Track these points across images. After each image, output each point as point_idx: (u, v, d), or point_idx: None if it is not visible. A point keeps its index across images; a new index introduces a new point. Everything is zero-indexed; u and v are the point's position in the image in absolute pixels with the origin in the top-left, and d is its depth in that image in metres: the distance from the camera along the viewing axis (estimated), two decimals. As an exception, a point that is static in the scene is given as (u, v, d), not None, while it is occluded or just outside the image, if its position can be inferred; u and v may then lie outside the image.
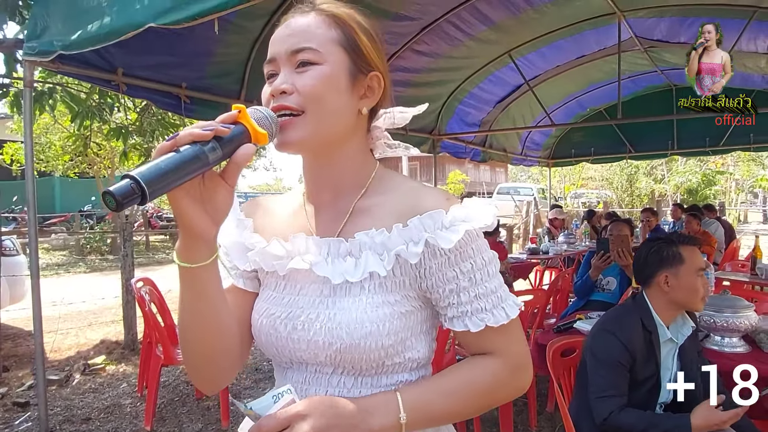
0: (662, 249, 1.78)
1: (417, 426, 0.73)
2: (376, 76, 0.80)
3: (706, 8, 4.54)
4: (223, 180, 0.69)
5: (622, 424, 1.61)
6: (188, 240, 0.69)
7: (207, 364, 0.79)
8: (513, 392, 0.81)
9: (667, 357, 1.75)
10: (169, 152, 0.62)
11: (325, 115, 0.75)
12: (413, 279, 0.76)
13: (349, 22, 0.79)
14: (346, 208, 0.80)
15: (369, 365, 0.75)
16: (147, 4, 2.23)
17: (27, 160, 2.81)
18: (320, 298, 0.77)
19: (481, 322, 0.75)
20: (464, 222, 0.73)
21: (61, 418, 3.39)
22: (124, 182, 0.59)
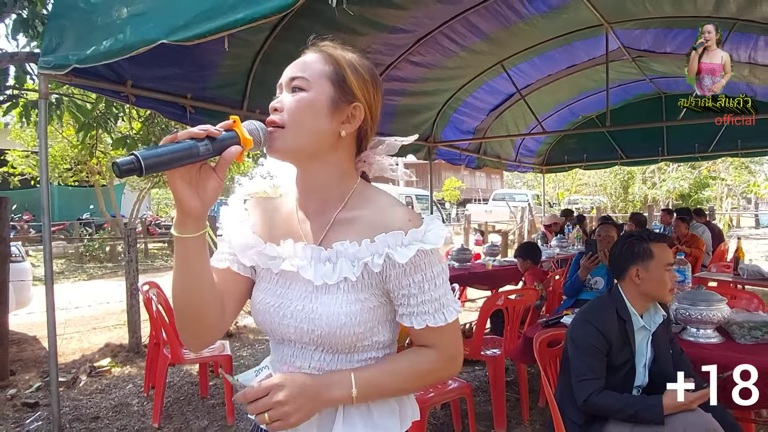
0: (634, 245, 1.95)
1: (366, 398, 0.93)
2: (358, 107, 0.97)
3: (689, 20, 4.73)
4: (215, 173, 0.88)
5: (601, 405, 1.77)
6: (181, 215, 0.88)
7: (190, 321, 0.96)
8: (445, 376, 1.05)
9: (642, 344, 1.91)
10: (171, 142, 0.81)
11: (301, 130, 0.93)
12: (378, 282, 0.94)
13: (341, 62, 0.97)
14: (328, 219, 0.98)
15: (344, 346, 0.94)
16: (160, 22, 2.37)
17: (42, 168, 2.94)
18: (305, 294, 0.96)
19: (423, 322, 0.94)
20: (418, 242, 0.91)
21: (70, 417, 3.51)
22: (129, 157, 0.77)
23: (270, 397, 0.86)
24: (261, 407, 0.87)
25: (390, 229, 0.91)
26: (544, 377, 1.93)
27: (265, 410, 0.86)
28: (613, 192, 21.89)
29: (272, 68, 3.84)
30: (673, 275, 1.93)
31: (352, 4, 2.57)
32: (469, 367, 4.21)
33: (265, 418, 0.86)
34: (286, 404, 0.87)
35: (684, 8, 4.50)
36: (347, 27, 3.57)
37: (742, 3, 4.19)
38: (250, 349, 5.11)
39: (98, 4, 2.66)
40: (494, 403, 3.16)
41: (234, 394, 0.91)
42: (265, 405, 0.86)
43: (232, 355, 3.61)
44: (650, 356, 1.92)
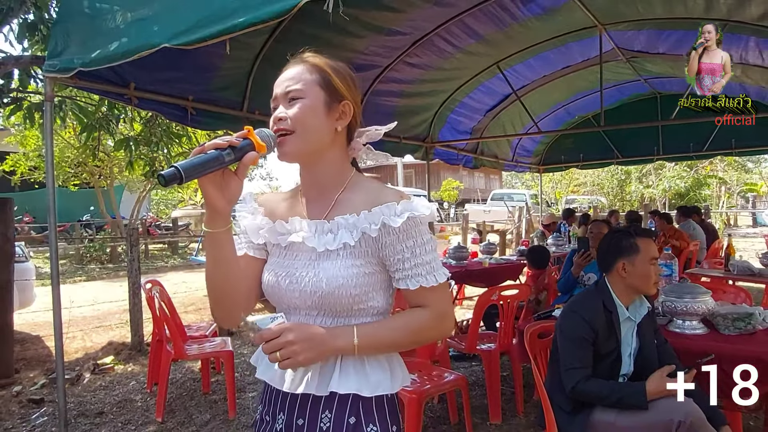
0: (621, 240, 2.03)
1: (367, 349, 1.06)
2: (347, 104, 1.11)
3: (680, 21, 4.81)
4: (236, 175, 1.04)
5: (588, 392, 1.85)
6: (211, 213, 1.05)
7: (223, 302, 1.13)
8: (438, 334, 1.16)
9: (627, 334, 1.99)
10: (199, 153, 0.98)
11: (308, 132, 1.08)
12: (374, 250, 1.07)
13: (325, 68, 1.11)
14: (330, 199, 1.12)
15: (342, 309, 1.07)
16: (163, 27, 2.45)
17: (48, 169, 3.02)
18: (309, 262, 1.09)
19: (417, 283, 1.06)
20: (409, 211, 1.05)
21: (75, 412, 3.59)
22: (171, 169, 0.94)
23: (282, 337, 0.99)
24: (273, 346, 0.99)
25: (384, 203, 1.06)
26: (534, 366, 2.01)
27: (277, 349, 0.99)
28: (610, 191, 22.00)
29: (272, 70, 3.86)
30: (657, 269, 2.01)
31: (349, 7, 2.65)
32: (465, 363, 4.29)
33: (277, 356, 0.99)
34: (294, 344, 0.99)
35: (675, 10, 4.58)
36: (344, 29, 3.65)
37: (732, 4, 4.27)
38: (250, 347, 5.18)
39: (103, 9, 2.73)
40: (489, 395, 3.23)
41: (250, 327, 1.03)
42: (276, 344, 0.99)
43: (233, 352, 3.68)
44: (635, 346, 2.01)
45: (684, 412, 1.76)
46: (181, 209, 20.56)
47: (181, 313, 5.89)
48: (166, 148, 5.27)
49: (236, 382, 3.92)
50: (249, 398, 3.79)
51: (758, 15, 4.27)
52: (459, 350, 3.58)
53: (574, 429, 1.90)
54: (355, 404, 1.07)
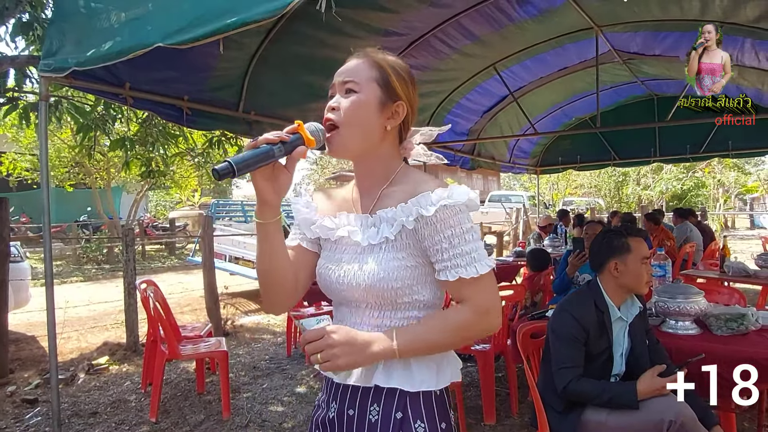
0: (612, 239, 2.03)
1: (408, 352, 1.05)
2: (401, 105, 1.12)
3: (676, 23, 4.82)
4: (286, 169, 1.06)
5: (579, 392, 1.85)
6: (261, 205, 1.07)
7: (272, 290, 1.16)
8: (482, 331, 1.10)
9: (619, 334, 1.99)
10: (252, 148, 1.00)
11: (356, 128, 1.09)
12: (415, 242, 1.07)
13: (385, 66, 1.12)
14: (376, 194, 1.14)
15: (386, 301, 1.08)
16: (157, 26, 2.44)
17: (42, 169, 3.00)
18: (355, 256, 1.12)
19: (456, 274, 1.04)
20: (444, 199, 1.03)
21: (69, 412, 3.58)
22: (224, 163, 0.97)
23: (323, 341, 1.02)
24: (315, 348, 1.02)
25: (420, 193, 1.06)
26: (526, 366, 2.01)
27: (318, 351, 1.02)
28: (607, 193, 22.02)
29: (267, 70, 3.91)
30: (649, 268, 2.02)
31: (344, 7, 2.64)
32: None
33: (318, 357, 1.02)
34: (334, 347, 1.01)
35: (671, 12, 4.59)
36: (340, 30, 3.65)
37: (728, 6, 4.28)
38: (246, 347, 5.18)
39: (98, 8, 2.73)
40: (484, 396, 3.23)
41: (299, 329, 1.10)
42: (317, 347, 1.02)
43: (228, 352, 3.68)
44: (627, 346, 2.01)
45: (675, 412, 1.76)
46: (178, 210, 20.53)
47: (177, 313, 5.89)
48: (162, 149, 5.27)
49: (231, 382, 3.92)
50: (243, 399, 3.78)
51: (754, 17, 4.28)
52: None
53: (566, 428, 1.90)
54: (402, 399, 1.07)
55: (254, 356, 4.83)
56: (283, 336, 5.35)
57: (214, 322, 5.33)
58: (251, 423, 3.36)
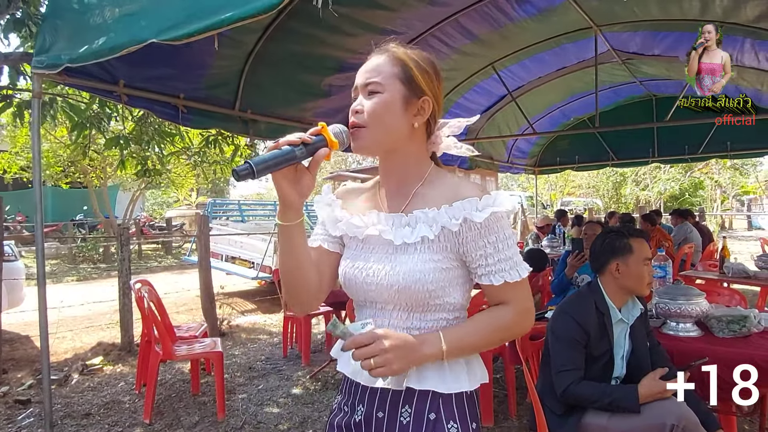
0: (614, 240, 2.00)
1: (454, 353, 1.04)
2: (426, 100, 1.09)
3: (676, 23, 4.80)
4: (308, 171, 1.05)
5: (579, 395, 1.81)
6: (284, 207, 1.05)
7: (296, 291, 1.14)
8: (521, 330, 1.13)
9: (620, 336, 1.96)
10: (274, 150, 0.99)
11: (381, 128, 1.07)
12: (453, 245, 1.05)
13: (408, 62, 1.08)
14: (408, 193, 1.11)
15: (417, 303, 1.05)
16: (150, 22, 2.41)
17: (35, 167, 2.96)
18: (386, 255, 1.09)
19: (501, 278, 1.05)
20: (491, 207, 1.03)
21: (62, 413, 3.53)
22: (245, 164, 0.95)
23: (376, 345, 0.98)
24: (367, 353, 0.98)
25: (465, 197, 1.04)
26: (525, 369, 1.98)
27: (371, 356, 0.97)
28: (605, 193, 22.03)
29: (264, 68, 3.88)
30: (651, 269, 1.99)
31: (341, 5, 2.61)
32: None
33: (371, 363, 0.97)
34: (388, 352, 0.98)
35: (670, 11, 4.57)
36: (338, 28, 3.62)
37: (727, 6, 4.26)
38: (242, 348, 5.14)
39: (91, 4, 2.69)
40: (482, 398, 3.19)
41: (340, 342, 1.04)
42: (371, 351, 0.98)
43: (223, 352, 3.64)
44: (628, 348, 1.98)
45: (677, 416, 1.73)
46: (175, 209, 20.46)
47: (173, 313, 5.85)
48: (158, 147, 5.22)
49: (226, 383, 3.88)
50: (239, 400, 3.74)
51: (753, 17, 4.26)
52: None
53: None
54: (435, 400, 1.06)
55: (250, 357, 4.79)
56: (279, 336, 5.31)
57: (210, 322, 5.28)
58: (246, 424, 3.32)
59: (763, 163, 25.46)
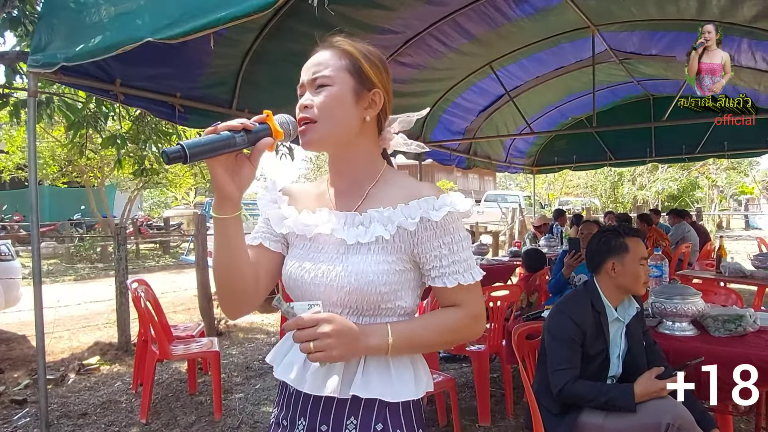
0: (610, 240, 2.00)
1: (400, 348, 1.00)
2: (377, 93, 1.05)
3: (673, 23, 4.81)
4: (249, 161, 0.98)
5: (575, 394, 1.82)
6: (219, 199, 0.98)
7: (229, 292, 1.07)
8: (471, 335, 1.10)
9: (616, 335, 1.96)
10: (211, 134, 0.91)
11: (332, 122, 1.02)
12: (408, 246, 1.01)
13: (356, 54, 1.05)
14: (361, 192, 1.07)
15: (368, 307, 1.01)
16: (146, 21, 2.40)
17: (31, 166, 2.95)
18: (337, 255, 1.03)
19: (455, 280, 1.01)
20: (448, 206, 1.00)
21: (58, 413, 3.52)
22: (176, 147, 0.87)
23: (317, 328, 0.92)
24: (307, 336, 0.92)
25: (422, 197, 1.01)
26: (521, 368, 1.98)
27: (311, 339, 0.92)
28: (603, 193, 22.07)
29: (261, 68, 3.87)
30: (647, 269, 1.99)
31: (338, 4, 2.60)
32: (455, 364, 4.26)
33: (310, 346, 0.92)
34: (330, 337, 0.92)
35: (667, 11, 4.57)
36: (335, 27, 3.60)
37: (724, 6, 4.26)
38: (239, 347, 5.14)
39: (87, 3, 2.68)
40: (479, 397, 3.20)
41: (277, 350, 1.00)
42: (311, 334, 0.92)
43: (221, 352, 3.64)
44: (624, 347, 1.98)
45: (673, 415, 1.73)
46: (173, 209, 20.43)
47: (170, 313, 5.84)
48: (155, 146, 5.21)
49: (223, 383, 3.88)
50: (236, 399, 3.74)
51: (750, 17, 4.26)
52: (449, 351, 3.55)
53: (562, 431, 1.87)
54: (382, 410, 1.01)
55: (247, 356, 4.79)
56: (276, 336, 5.31)
57: (208, 322, 5.28)
58: (243, 424, 3.32)
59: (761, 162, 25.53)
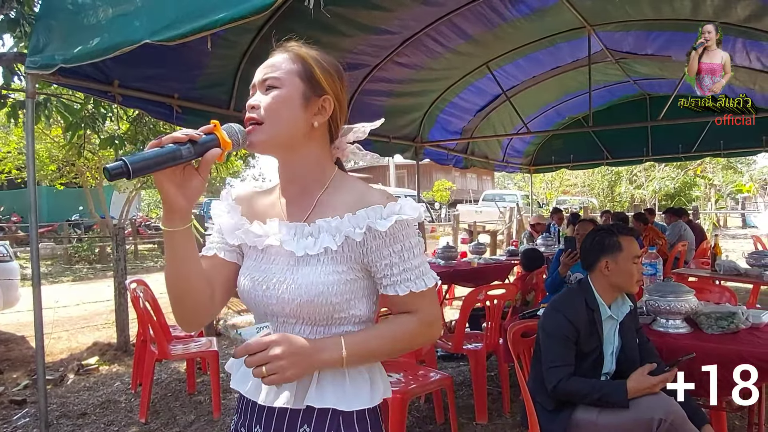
0: (604, 238, 2.03)
1: (355, 360, 0.99)
2: (327, 99, 1.05)
3: (667, 23, 4.84)
4: (198, 173, 0.96)
5: (569, 390, 1.84)
6: (168, 212, 0.97)
7: (182, 304, 1.05)
8: (426, 340, 1.11)
9: (609, 332, 1.99)
10: (155, 147, 0.89)
11: (279, 124, 1.01)
12: (358, 255, 1.01)
13: (308, 59, 1.05)
14: (311, 201, 1.06)
15: (321, 317, 1.01)
16: (144, 23, 2.42)
17: (29, 167, 2.97)
18: (288, 267, 1.02)
19: (407, 288, 1.01)
20: (396, 214, 0.99)
21: (57, 413, 3.54)
22: (118, 162, 0.85)
23: (267, 352, 0.92)
24: (258, 360, 0.92)
25: (370, 205, 1.00)
26: (517, 365, 2.01)
27: (263, 363, 0.92)
28: (600, 192, 22.14)
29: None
30: (640, 267, 2.01)
31: (337, 5, 2.62)
32: (453, 363, 4.28)
33: (263, 371, 0.91)
34: (282, 359, 0.92)
35: (662, 11, 4.60)
36: (333, 28, 3.63)
37: (718, 6, 4.29)
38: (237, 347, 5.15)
39: (85, 4, 2.70)
40: (476, 395, 3.23)
41: (235, 348, 0.97)
42: (262, 358, 0.92)
43: (219, 352, 3.65)
44: (617, 345, 2.01)
45: (665, 411, 1.76)
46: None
47: (169, 313, 5.85)
48: (152, 147, 5.22)
49: (222, 382, 3.89)
50: (234, 399, 3.74)
51: (744, 16, 4.29)
52: (446, 350, 3.57)
53: (556, 428, 1.90)
54: (335, 418, 1.01)
55: (246, 356, 4.81)
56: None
57: (206, 322, 5.29)
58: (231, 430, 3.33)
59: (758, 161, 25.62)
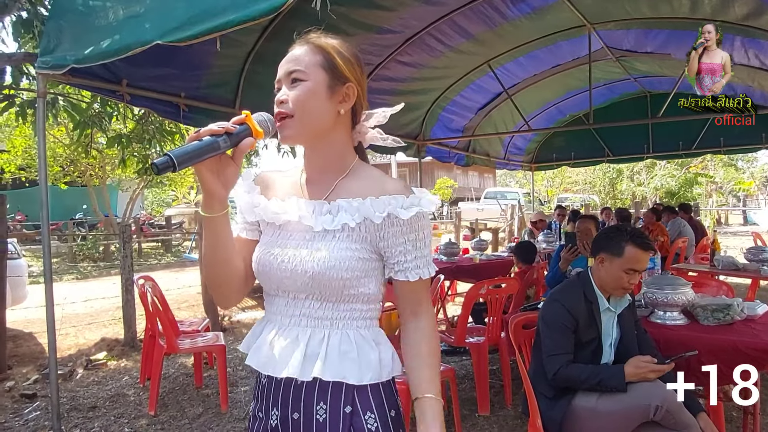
0: (614, 237, 2.07)
1: (438, 387, 1.07)
2: (351, 86, 1.10)
3: (666, 21, 4.89)
4: (233, 161, 1.04)
5: (568, 376, 1.91)
6: (207, 198, 1.04)
7: (220, 285, 1.13)
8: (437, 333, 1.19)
9: (608, 324, 2.05)
10: (195, 140, 0.96)
11: (308, 116, 1.06)
12: (374, 238, 1.07)
13: (329, 49, 1.09)
14: (330, 184, 1.11)
15: (331, 292, 1.05)
16: (155, 24, 2.48)
17: (40, 167, 3.04)
18: (304, 242, 1.08)
19: (417, 275, 1.08)
20: (417, 206, 1.05)
21: (68, 407, 3.61)
22: (164, 157, 0.92)
23: None
24: None
25: (391, 193, 1.05)
26: (518, 356, 2.07)
27: None
28: (601, 189, 22.18)
29: (264, 68, 3.95)
30: (632, 278, 2.01)
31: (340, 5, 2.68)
32: (456, 356, 4.35)
33: None
34: None
35: (661, 10, 4.66)
36: (336, 28, 3.64)
37: (717, 4, 4.34)
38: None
39: (95, 6, 2.76)
40: (478, 387, 3.29)
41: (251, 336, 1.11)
42: None
43: (226, 346, 3.72)
44: (616, 336, 2.07)
45: (661, 398, 1.82)
46: (174, 207, 20.50)
47: (174, 310, 5.89)
48: (159, 146, 5.29)
49: (228, 376, 3.95)
50: (241, 392, 3.83)
51: (743, 15, 4.34)
52: (449, 344, 3.64)
53: (556, 414, 1.96)
54: (350, 393, 1.05)
55: (251, 351, 4.87)
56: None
57: (211, 318, 5.35)
58: (248, 416, 3.40)
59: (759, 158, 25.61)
